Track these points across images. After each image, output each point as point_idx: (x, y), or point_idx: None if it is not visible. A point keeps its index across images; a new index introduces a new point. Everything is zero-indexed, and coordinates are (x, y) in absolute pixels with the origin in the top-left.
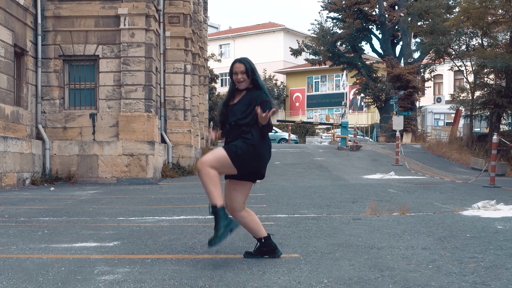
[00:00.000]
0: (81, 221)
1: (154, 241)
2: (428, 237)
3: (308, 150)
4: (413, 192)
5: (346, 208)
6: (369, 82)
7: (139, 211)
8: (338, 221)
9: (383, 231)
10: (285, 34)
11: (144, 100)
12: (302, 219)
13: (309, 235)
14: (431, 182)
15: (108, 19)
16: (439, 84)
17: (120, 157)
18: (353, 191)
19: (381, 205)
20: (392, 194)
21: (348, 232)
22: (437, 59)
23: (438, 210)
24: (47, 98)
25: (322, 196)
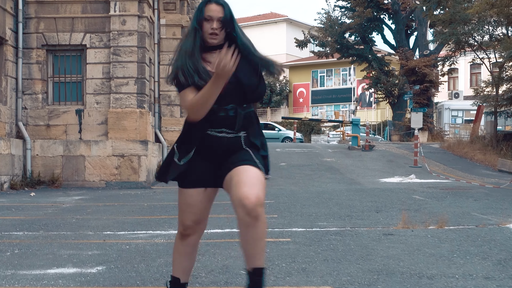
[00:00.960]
0: (60, 237)
1: (147, 265)
2: (484, 261)
3: (316, 150)
4: (443, 199)
5: (371, 219)
6: (380, 76)
7: (129, 223)
8: (366, 237)
9: (425, 252)
10: (288, 25)
11: (136, 94)
12: (323, 234)
13: (337, 258)
14: (459, 186)
15: (97, 5)
16: (454, 78)
17: (109, 158)
18: (374, 198)
19: (411, 215)
20: (419, 201)
21: (384, 253)
22: (457, 51)
23: (480, 222)
24: (29, 93)
25: (339, 204)
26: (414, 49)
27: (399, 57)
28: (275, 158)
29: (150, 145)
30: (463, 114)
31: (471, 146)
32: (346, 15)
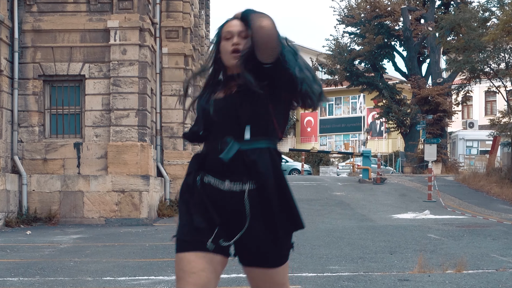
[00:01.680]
0: (58, 283)
1: None
2: None
3: (325, 183)
4: (460, 238)
5: (385, 261)
6: (392, 105)
7: (130, 267)
8: (381, 284)
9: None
10: None
11: (137, 127)
12: (335, 280)
13: None
14: (476, 223)
15: (96, 34)
16: (468, 107)
17: (109, 194)
18: (387, 237)
19: (427, 256)
20: (435, 241)
21: None
22: (471, 79)
23: (500, 265)
24: (25, 125)
25: (351, 244)
26: (426, 77)
27: (411, 85)
28: None
29: (152, 180)
30: (478, 144)
31: (487, 179)
32: (356, 41)
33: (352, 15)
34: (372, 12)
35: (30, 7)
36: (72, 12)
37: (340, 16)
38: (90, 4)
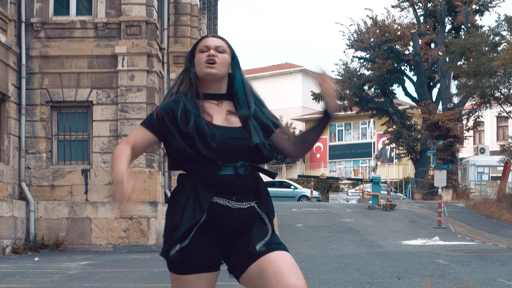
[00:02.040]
0: None
1: None
2: None
3: (335, 210)
4: (468, 264)
5: (392, 286)
6: (402, 131)
7: None
8: None
9: None
10: (304, 76)
11: (145, 153)
12: None
13: None
14: (485, 249)
15: (104, 59)
16: (480, 132)
17: (117, 221)
18: (395, 262)
19: (434, 281)
20: (443, 266)
21: None
22: (482, 104)
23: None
24: (32, 152)
25: (359, 269)
26: (437, 102)
27: (421, 111)
28: (291, 219)
29: (160, 206)
30: (489, 170)
31: (498, 205)
32: (365, 66)
33: (361, 40)
34: (381, 37)
35: (37, 33)
36: (79, 38)
37: (349, 40)
38: (98, 30)
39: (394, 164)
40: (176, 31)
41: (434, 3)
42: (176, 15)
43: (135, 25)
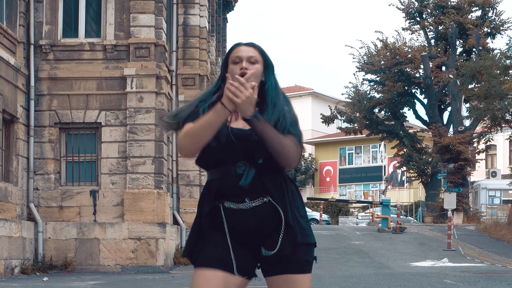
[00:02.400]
0: None
1: None
2: None
3: (344, 233)
4: (475, 284)
5: None
6: (412, 154)
7: None
8: None
9: None
10: (314, 99)
11: (153, 174)
12: None
13: None
14: (493, 270)
15: (112, 81)
16: (492, 156)
17: (125, 241)
18: (403, 282)
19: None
20: (450, 285)
21: None
22: (493, 127)
23: None
24: (41, 173)
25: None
26: (448, 125)
27: (432, 134)
28: None
29: (168, 227)
30: (501, 194)
31: (509, 228)
32: (376, 89)
33: (371, 62)
34: (392, 59)
35: (46, 55)
36: (88, 60)
37: (359, 63)
38: (107, 52)
39: (405, 187)
40: (184, 53)
41: (445, 26)
42: (185, 37)
43: (144, 47)
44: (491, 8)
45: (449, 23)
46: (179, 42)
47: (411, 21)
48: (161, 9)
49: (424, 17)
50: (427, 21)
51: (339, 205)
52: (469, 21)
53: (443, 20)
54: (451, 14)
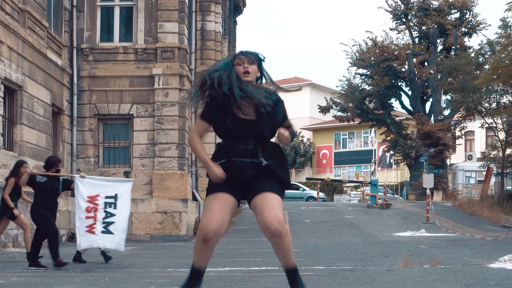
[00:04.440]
0: (134, 272)
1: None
2: (455, 284)
3: (338, 208)
4: (444, 248)
5: (379, 261)
6: (398, 139)
7: (185, 264)
8: (373, 272)
9: (415, 280)
10: (312, 90)
11: (177, 158)
12: (339, 271)
13: (348, 283)
14: (462, 239)
15: (143, 79)
16: (470, 141)
17: (153, 215)
18: (385, 247)
19: (412, 258)
20: (423, 249)
21: (383, 280)
22: (467, 116)
23: (467, 263)
24: (82, 156)
25: (355, 252)
26: (429, 114)
27: (416, 122)
28: (300, 215)
29: (189, 203)
30: (476, 175)
31: (480, 204)
32: (366, 82)
33: (362, 59)
34: (380, 56)
35: (86, 56)
36: (122, 61)
37: (352, 59)
38: (138, 54)
39: (393, 169)
40: (202, 54)
41: (428, 26)
42: (202, 40)
43: (169, 50)
44: (468, 10)
45: (431, 24)
46: (198, 44)
47: (398, 22)
48: (183, 18)
49: (409, 18)
50: (412, 22)
51: (334, 185)
52: (449, 22)
53: (426, 21)
54: (433, 16)
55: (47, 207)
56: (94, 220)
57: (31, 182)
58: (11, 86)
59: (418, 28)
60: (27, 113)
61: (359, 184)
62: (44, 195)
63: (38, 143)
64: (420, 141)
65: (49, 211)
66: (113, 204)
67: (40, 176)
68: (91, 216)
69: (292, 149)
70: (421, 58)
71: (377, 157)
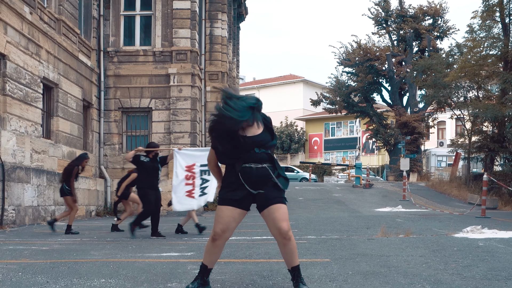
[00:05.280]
0: (156, 241)
1: None
2: (424, 250)
3: (327, 188)
4: (416, 221)
5: (362, 232)
6: (379, 129)
7: (197, 234)
8: (356, 240)
9: (391, 246)
10: (305, 85)
11: (189, 145)
12: (328, 239)
13: (335, 248)
14: (432, 214)
15: (160, 77)
16: (442, 129)
17: (169, 193)
18: (367, 221)
19: (389, 230)
20: (399, 222)
21: (364, 246)
22: (438, 109)
23: (435, 233)
24: (108, 144)
25: (341, 224)
26: (406, 107)
27: (394, 113)
28: (294, 194)
29: None
30: (446, 159)
31: (450, 184)
32: (352, 79)
33: (348, 59)
34: (364, 57)
35: (112, 58)
36: (142, 62)
37: (339, 59)
38: (156, 56)
39: (375, 154)
40: (210, 56)
41: (405, 30)
42: (211, 44)
43: (183, 53)
44: (440, 17)
45: (408, 29)
46: (206, 47)
47: (379, 27)
48: (195, 25)
49: (388, 24)
50: (391, 27)
51: (324, 167)
52: (423, 27)
53: (403, 27)
54: (409, 22)
55: (150, 184)
56: (193, 187)
57: (136, 161)
58: (49, 84)
59: (396, 33)
60: (62, 107)
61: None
62: (146, 174)
63: (71, 132)
64: (398, 130)
65: (152, 188)
66: (207, 171)
67: (144, 156)
68: (190, 183)
69: (287, 137)
70: (399, 59)
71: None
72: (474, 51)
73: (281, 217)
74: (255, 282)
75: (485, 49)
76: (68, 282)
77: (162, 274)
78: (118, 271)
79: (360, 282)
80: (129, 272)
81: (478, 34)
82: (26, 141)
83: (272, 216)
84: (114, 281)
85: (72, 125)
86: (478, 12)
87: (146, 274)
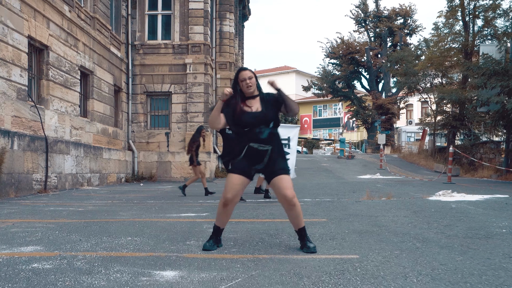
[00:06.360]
0: (175, 203)
1: None
2: (407, 211)
3: (316, 159)
4: (394, 186)
5: (349, 196)
6: (359, 110)
7: (212, 197)
8: (346, 203)
9: (377, 208)
10: (297, 75)
11: (203, 123)
12: (322, 202)
13: (329, 209)
14: (405, 180)
15: (178, 66)
16: (410, 111)
17: (186, 163)
18: (352, 186)
19: (373, 193)
20: (379, 187)
21: (354, 208)
22: (409, 93)
23: (412, 196)
24: (135, 122)
25: (331, 189)
26: (382, 92)
27: (372, 97)
28: None
29: (212, 154)
30: (414, 135)
31: (418, 156)
32: (336, 69)
33: (334, 52)
34: (346, 50)
35: (138, 50)
36: (163, 54)
37: (326, 52)
38: (175, 49)
39: (355, 131)
40: (220, 48)
41: (380, 29)
42: (220, 39)
43: (197, 46)
44: (410, 17)
45: (383, 27)
46: (217, 42)
47: (359, 26)
48: (207, 22)
49: (367, 23)
50: (369, 26)
51: (313, 142)
52: (396, 26)
53: (379, 25)
54: (384, 21)
55: None
56: None
57: (222, 132)
58: (85, 71)
59: (373, 30)
60: (97, 91)
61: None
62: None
63: (104, 112)
64: (375, 111)
65: None
66: (287, 145)
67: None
68: None
69: (282, 117)
70: (376, 52)
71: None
72: (439, 45)
73: (285, 185)
74: (263, 240)
75: (448, 43)
76: (98, 240)
77: (181, 233)
78: (143, 229)
79: (357, 240)
80: (152, 230)
81: (443, 31)
82: (66, 119)
83: (277, 185)
84: (139, 239)
85: (105, 106)
86: (443, 12)
87: (167, 232)
